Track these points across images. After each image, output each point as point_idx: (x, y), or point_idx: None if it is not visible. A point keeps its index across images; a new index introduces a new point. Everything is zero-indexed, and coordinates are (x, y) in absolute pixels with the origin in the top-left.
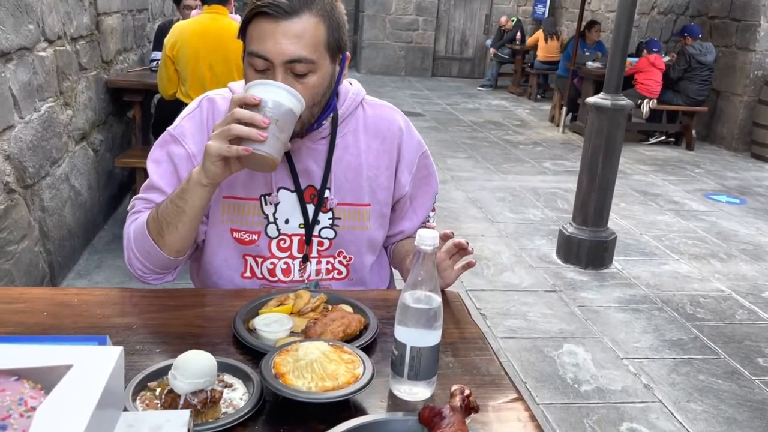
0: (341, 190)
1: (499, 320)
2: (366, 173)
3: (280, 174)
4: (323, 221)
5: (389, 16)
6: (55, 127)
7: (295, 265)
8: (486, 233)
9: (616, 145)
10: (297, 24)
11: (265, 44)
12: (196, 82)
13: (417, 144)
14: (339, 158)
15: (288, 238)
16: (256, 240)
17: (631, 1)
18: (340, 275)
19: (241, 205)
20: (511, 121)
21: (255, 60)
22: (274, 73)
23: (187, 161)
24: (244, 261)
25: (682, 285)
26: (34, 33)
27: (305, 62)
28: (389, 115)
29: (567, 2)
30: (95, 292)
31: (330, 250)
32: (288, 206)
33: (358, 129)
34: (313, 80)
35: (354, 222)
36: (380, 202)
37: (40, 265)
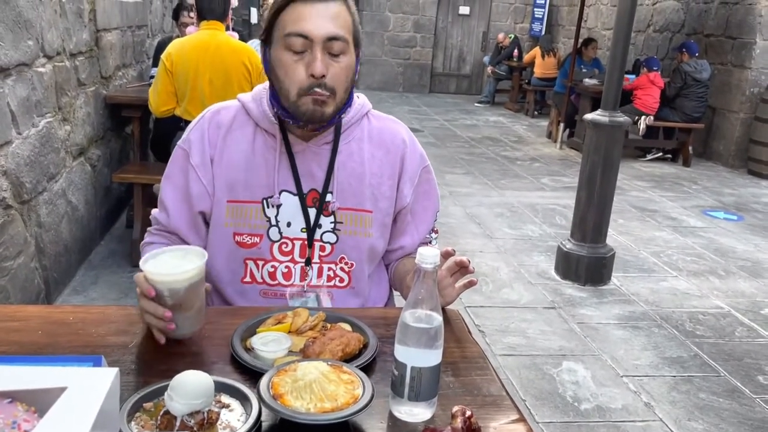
0: (343, 195)
1: (498, 337)
2: (369, 180)
3: (283, 176)
4: (325, 225)
5: (387, 32)
6: (52, 143)
7: (296, 270)
8: (484, 249)
9: (614, 161)
10: (332, 7)
11: (305, 24)
12: (196, 98)
13: (420, 157)
14: (342, 164)
15: (290, 242)
16: (258, 243)
17: (628, 18)
18: (342, 283)
19: (243, 209)
20: (509, 137)
21: (294, 40)
22: (313, 52)
23: (193, 172)
24: (245, 265)
25: (681, 302)
26: (33, 49)
27: (342, 41)
28: (394, 128)
29: (564, 20)
30: (91, 309)
31: (332, 255)
32: (290, 209)
33: (363, 138)
34: (346, 61)
35: (356, 227)
36: (382, 211)
37: (36, 281)
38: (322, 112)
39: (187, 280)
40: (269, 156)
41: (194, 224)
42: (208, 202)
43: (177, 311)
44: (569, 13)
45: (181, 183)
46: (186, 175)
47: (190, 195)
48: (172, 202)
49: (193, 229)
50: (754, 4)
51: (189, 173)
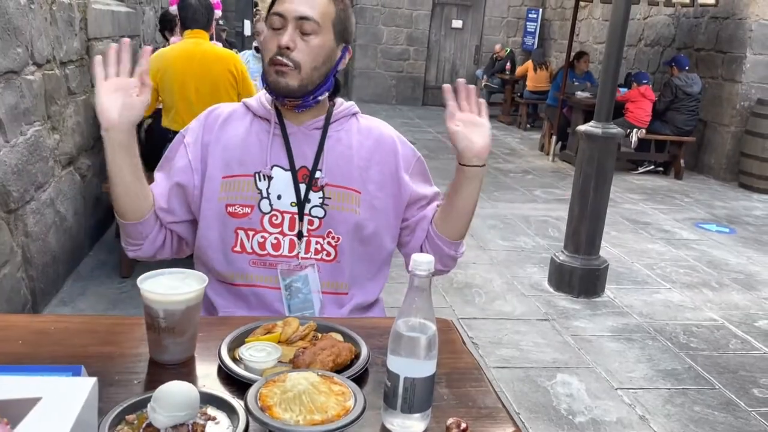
0: (332, 173)
1: (492, 349)
2: (357, 162)
3: (276, 152)
4: (314, 200)
5: (380, 45)
6: (41, 152)
7: (285, 242)
8: (477, 260)
9: (607, 173)
10: None
11: (284, 4)
12: (184, 108)
13: (411, 150)
14: (331, 147)
15: (280, 214)
16: (249, 213)
17: (621, 32)
18: (329, 257)
19: (237, 182)
20: (501, 149)
21: (273, 19)
22: (286, 29)
23: (183, 149)
24: (236, 234)
25: (675, 314)
26: (23, 56)
27: (312, 21)
28: (381, 126)
29: (556, 34)
30: (74, 319)
31: (320, 230)
32: (281, 183)
33: (351, 131)
34: (316, 41)
35: (343, 203)
36: (370, 194)
37: (22, 291)
38: (286, 83)
39: (185, 302)
40: (263, 137)
41: (168, 193)
42: (190, 176)
43: (169, 335)
44: (561, 28)
45: (171, 159)
46: (177, 152)
47: (172, 166)
48: (160, 178)
49: (165, 196)
50: (744, 18)
51: (180, 149)
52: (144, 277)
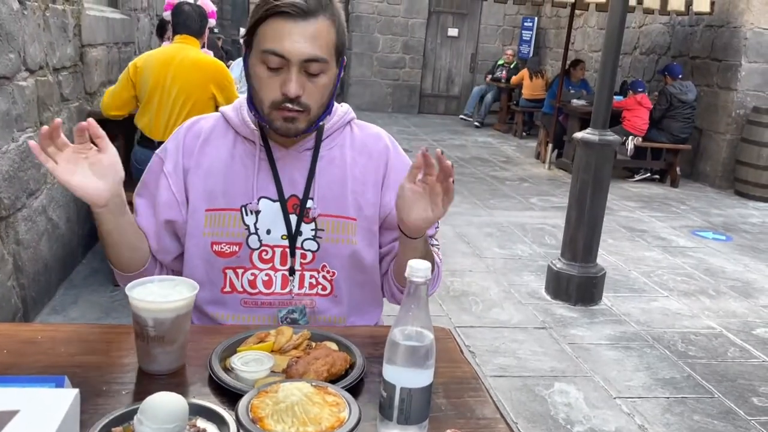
0: (324, 201)
1: (489, 358)
2: (351, 186)
3: (262, 182)
4: (306, 232)
5: (376, 54)
6: (33, 158)
7: (276, 277)
8: (474, 268)
9: (603, 180)
10: (313, 25)
11: (283, 43)
12: (161, 110)
13: (405, 165)
14: (323, 169)
15: (270, 249)
16: (237, 251)
17: (617, 40)
18: (324, 291)
19: (221, 216)
20: (498, 157)
21: (270, 58)
22: (289, 71)
23: (164, 179)
24: (224, 275)
25: (673, 322)
26: (15, 62)
27: (320, 62)
28: (376, 135)
29: (551, 42)
30: (62, 328)
31: (313, 263)
32: (269, 216)
33: (345, 145)
34: (324, 80)
35: (338, 234)
36: (368, 219)
37: (13, 300)
38: (296, 128)
39: (175, 311)
40: (248, 162)
41: (157, 232)
42: (177, 211)
43: (158, 344)
44: (557, 36)
45: (152, 190)
46: (158, 182)
47: (157, 202)
48: (143, 208)
49: (155, 237)
50: (739, 26)
51: (161, 180)
52: (133, 285)
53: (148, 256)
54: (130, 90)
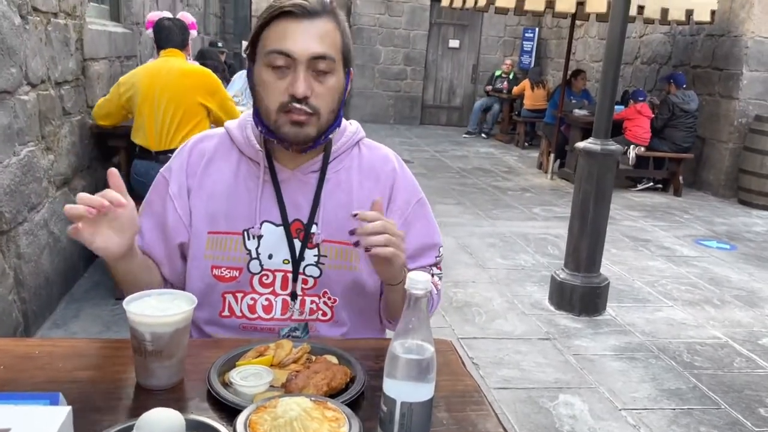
0: (329, 227)
1: (492, 370)
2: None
3: (266, 206)
4: (308, 258)
5: (378, 65)
6: (35, 172)
7: (277, 303)
8: (477, 279)
9: (606, 190)
10: (319, 24)
11: (289, 41)
12: (152, 123)
13: (412, 189)
14: (329, 193)
15: (271, 273)
16: (237, 276)
17: (617, 50)
18: (325, 317)
19: (223, 240)
20: (500, 167)
21: (276, 58)
22: (296, 71)
23: (170, 202)
24: (223, 299)
25: (678, 332)
26: (17, 76)
27: (328, 59)
28: (384, 156)
29: (552, 52)
30: (60, 343)
31: (315, 289)
32: (272, 240)
33: (352, 168)
34: (332, 81)
35: (341, 261)
36: None
37: (14, 314)
38: (306, 134)
39: (173, 324)
40: (252, 184)
41: (168, 255)
42: (185, 234)
43: (156, 359)
44: (557, 46)
45: (159, 211)
46: (164, 204)
47: (167, 225)
48: (148, 229)
49: (166, 259)
50: (740, 35)
51: (167, 202)
52: (131, 299)
53: (159, 283)
54: (117, 103)
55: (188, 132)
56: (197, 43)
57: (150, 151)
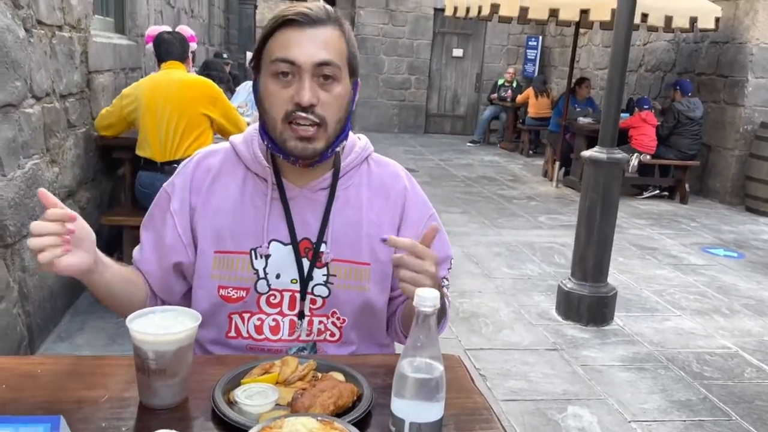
0: (338, 245)
1: (500, 381)
2: (366, 230)
3: (273, 224)
4: (317, 277)
5: (382, 75)
6: (39, 185)
7: (284, 323)
8: (483, 289)
9: (613, 199)
10: (323, 32)
11: (293, 49)
12: (156, 135)
13: (423, 205)
14: (338, 211)
15: (278, 293)
16: (244, 297)
17: (623, 58)
18: (333, 337)
19: (230, 260)
20: (504, 176)
21: (280, 66)
22: (301, 79)
23: (171, 219)
24: (230, 320)
25: (687, 342)
26: (21, 89)
27: (333, 66)
28: (394, 173)
29: (556, 61)
30: (62, 360)
31: (323, 309)
32: (280, 260)
33: (362, 184)
34: (338, 89)
35: (350, 281)
36: (382, 263)
37: (18, 327)
38: (314, 149)
39: (176, 342)
40: (259, 202)
41: (163, 274)
42: (183, 253)
43: (159, 378)
44: (561, 54)
45: (159, 226)
46: (164, 220)
47: (164, 243)
48: (147, 243)
49: (158, 276)
50: (745, 42)
51: (167, 219)
52: (134, 316)
53: (145, 297)
54: (119, 114)
55: (192, 141)
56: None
57: (155, 163)
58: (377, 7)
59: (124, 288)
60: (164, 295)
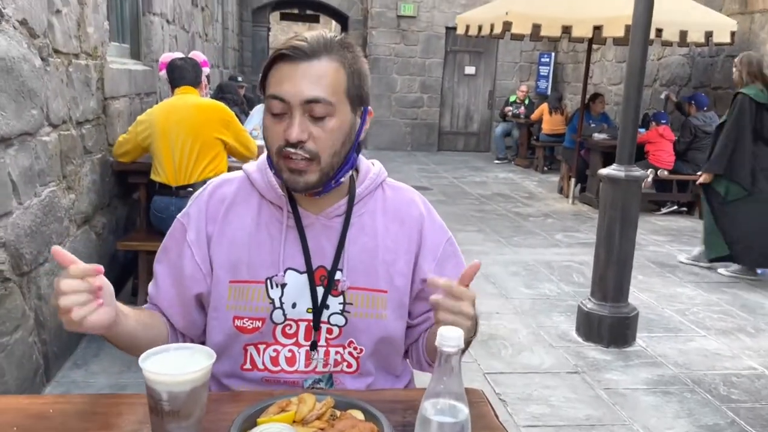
0: (354, 273)
1: (521, 406)
2: (382, 256)
3: (289, 253)
4: (333, 306)
5: (394, 94)
6: (56, 212)
7: (300, 354)
8: (501, 310)
9: (632, 217)
10: (316, 66)
11: (283, 86)
12: (170, 159)
13: (440, 229)
14: (354, 238)
15: (294, 323)
16: (260, 327)
17: (639, 74)
18: (350, 368)
19: (245, 289)
20: (520, 193)
21: (272, 103)
22: (291, 116)
23: (188, 249)
24: (245, 352)
25: (713, 363)
26: (38, 118)
27: (324, 103)
28: (409, 199)
29: (569, 76)
30: (74, 399)
31: (340, 338)
32: (296, 289)
33: (377, 210)
34: (331, 124)
35: (367, 309)
36: (399, 290)
37: (34, 356)
38: (305, 181)
39: (191, 383)
40: (274, 230)
41: (183, 306)
42: (203, 284)
43: (173, 419)
44: (574, 70)
45: (175, 259)
46: (181, 252)
47: (183, 276)
48: (162, 277)
49: (180, 310)
50: (762, 56)
51: (184, 250)
52: (147, 355)
53: (166, 337)
54: (134, 141)
55: (206, 165)
56: (216, 77)
57: (169, 187)
58: (389, 27)
59: (146, 334)
60: (186, 330)
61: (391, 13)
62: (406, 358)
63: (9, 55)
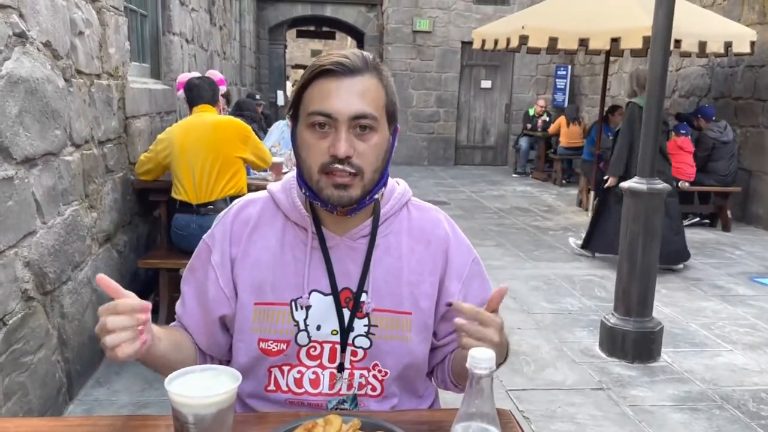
0: (379, 295)
1: (545, 424)
2: (407, 278)
3: (314, 275)
4: (358, 328)
5: (411, 109)
6: (78, 231)
7: (324, 376)
8: (523, 326)
9: (655, 230)
10: (360, 82)
11: (329, 101)
12: (188, 176)
13: (466, 249)
14: (379, 259)
15: (319, 345)
16: (285, 350)
17: (660, 87)
18: (374, 392)
19: (270, 312)
20: (538, 206)
21: (317, 119)
22: (338, 131)
23: (212, 272)
24: (269, 374)
25: (741, 378)
26: (61, 138)
27: (370, 117)
28: (435, 218)
29: (586, 89)
30: (99, 422)
31: (364, 361)
32: (321, 311)
33: (401, 231)
34: (375, 139)
35: (392, 331)
36: (424, 312)
37: (57, 375)
38: (349, 197)
39: (217, 405)
40: (299, 252)
41: (207, 326)
42: (227, 306)
43: None
44: (591, 83)
45: (201, 280)
46: (206, 273)
47: (207, 298)
48: (189, 297)
49: (204, 330)
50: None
51: (209, 272)
52: (172, 377)
53: (195, 357)
54: (155, 160)
55: (226, 182)
56: (234, 94)
57: (190, 205)
58: (405, 42)
59: (176, 355)
60: (210, 350)
61: (406, 29)
62: (430, 377)
63: (33, 76)
